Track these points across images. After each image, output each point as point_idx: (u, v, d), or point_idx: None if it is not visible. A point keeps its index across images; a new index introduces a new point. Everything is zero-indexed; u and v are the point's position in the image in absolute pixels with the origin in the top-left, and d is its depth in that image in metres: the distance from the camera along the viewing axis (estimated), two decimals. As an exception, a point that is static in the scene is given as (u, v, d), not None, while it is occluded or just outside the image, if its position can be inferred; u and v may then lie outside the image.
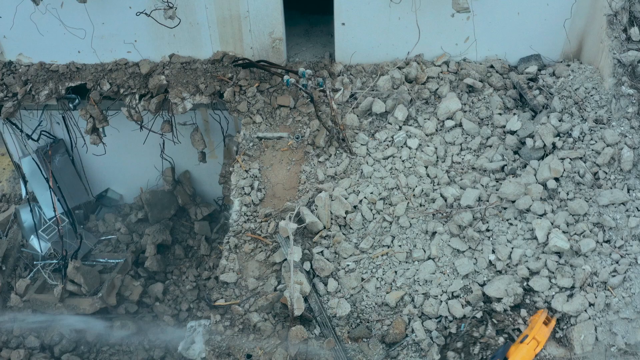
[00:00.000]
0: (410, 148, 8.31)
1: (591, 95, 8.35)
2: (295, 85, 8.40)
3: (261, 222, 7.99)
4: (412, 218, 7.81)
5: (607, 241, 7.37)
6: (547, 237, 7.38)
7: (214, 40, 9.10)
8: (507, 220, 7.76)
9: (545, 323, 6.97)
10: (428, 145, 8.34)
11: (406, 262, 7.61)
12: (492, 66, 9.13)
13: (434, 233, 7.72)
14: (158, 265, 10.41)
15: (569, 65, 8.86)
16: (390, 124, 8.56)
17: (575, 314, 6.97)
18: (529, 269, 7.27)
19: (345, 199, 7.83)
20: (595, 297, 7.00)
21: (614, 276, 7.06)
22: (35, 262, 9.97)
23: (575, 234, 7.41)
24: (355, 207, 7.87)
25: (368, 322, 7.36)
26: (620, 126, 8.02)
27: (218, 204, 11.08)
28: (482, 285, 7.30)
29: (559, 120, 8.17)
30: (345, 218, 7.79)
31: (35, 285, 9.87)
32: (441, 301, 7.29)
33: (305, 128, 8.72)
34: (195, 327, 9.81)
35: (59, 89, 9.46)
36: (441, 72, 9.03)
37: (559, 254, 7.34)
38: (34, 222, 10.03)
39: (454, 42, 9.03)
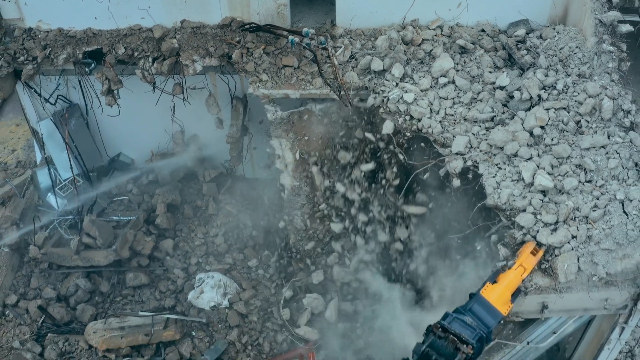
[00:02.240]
0: (406, 102, 8.93)
1: (575, 53, 8.99)
2: (300, 44, 9.01)
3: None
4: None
5: (589, 181, 7.97)
6: (533, 178, 7.98)
7: (223, 7, 9.71)
8: (497, 164, 8.37)
9: (533, 254, 7.56)
10: (423, 99, 8.95)
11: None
12: (483, 30, 9.76)
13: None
14: (168, 223, 10.99)
15: (554, 29, 9.50)
16: (388, 80, 9.16)
17: (559, 245, 7.55)
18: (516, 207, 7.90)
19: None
20: (578, 230, 7.58)
21: (594, 211, 7.64)
22: (51, 218, 10.52)
23: (559, 175, 8.01)
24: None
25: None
26: (601, 80, 8.66)
27: (225, 166, 11.66)
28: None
29: (545, 76, 8.79)
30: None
31: (52, 240, 10.43)
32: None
33: (308, 86, 9.33)
34: (203, 279, 10.44)
35: (76, 53, 10.04)
36: (435, 35, 9.65)
37: (543, 192, 7.93)
38: (51, 181, 10.59)
39: (447, 8, 9.65)
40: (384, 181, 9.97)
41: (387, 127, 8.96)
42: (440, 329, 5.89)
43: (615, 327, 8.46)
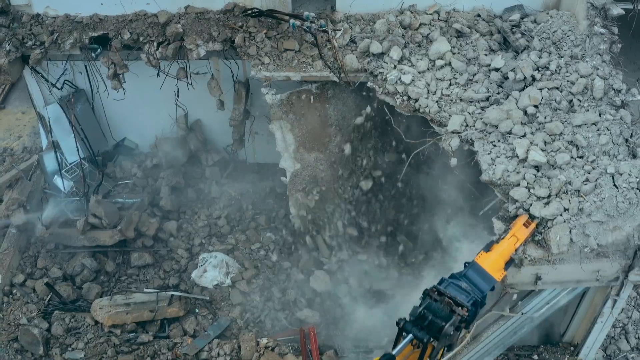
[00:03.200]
0: (404, 83, 9.20)
1: (567, 36, 9.28)
2: (300, 28, 9.30)
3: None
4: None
5: (581, 157, 8.25)
6: (527, 154, 8.25)
7: (226, -8, 9.99)
8: (491, 142, 8.64)
9: (526, 226, 7.82)
10: (420, 80, 9.22)
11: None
12: (478, 15, 10.03)
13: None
14: (172, 205, 11.24)
15: (548, 13, 9.78)
16: (386, 63, 9.43)
17: (552, 218, 7.81)
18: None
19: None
20: (570, 203, 7.84)
21: (585, 184, 7.91)
22: (58, 199, 10.77)
23: (551, 151, 8.28)
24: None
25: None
26: (593, 60, 8.95)
27: (227, 151, 11.92)
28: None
29: (539, 57, 9.07)
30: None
31: (59, 221, 10.67)
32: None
33: (309, 68, 9.59)
34: (207, 259, 10.69)
35: (83, 38, 10.30)
36: (432, 20, 9.93)
37: (537, 167, 8.20)
38: (58, 164, 10.84)
39: (443, -7, 9.95)
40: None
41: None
42: (436, 292, 6.10)
43: (607, 300, 8.71)
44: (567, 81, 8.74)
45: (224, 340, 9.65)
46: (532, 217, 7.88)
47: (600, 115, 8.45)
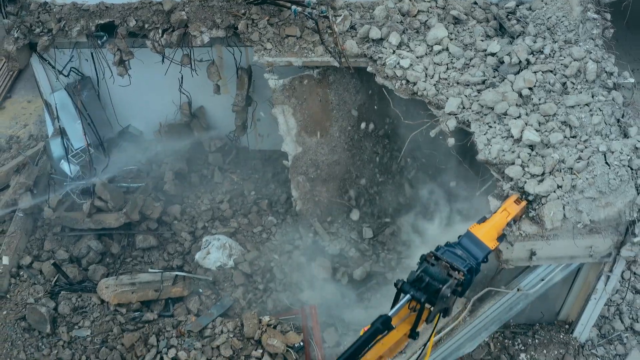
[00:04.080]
0: (402, 67, 9.45)
1: (561, 22, 9.53)
2: (302, 13, 9.58)
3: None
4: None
5: (574, 136, 8.49)
6: (521, 134, 8.50)
7: (229, -19, 10.26)
8: (487, 123, 8.89)
9: (517, 203, 8.06)
10: (418, 65, 9.48)
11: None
12: (475, 2, 10.29)
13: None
14: (176, 189, 11.50)
15: (543, 0, 10.05)
16: (385, 48, 9.69)
17: (546, 194, 8.05)
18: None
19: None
20: (563, 180, 8.09)
21: (578, 162, 8.16)
22: (64, 183, 11.02)
23: (545, 131, 8.53)
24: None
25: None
26: (586, 45, 9.20)
27: (230, 137, 12.18)
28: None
29: (533, 42, 9.33)
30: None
31: (65, 205, 10.92)
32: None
33: (310, 54, 9.85)
34: (210, 241, 10.93)
35: (89, 25, 10.56)
36: (430, 7, 10.19)
37: (531, 147, 8.45)
38: (64, 148, 11.09)
39: (441, -19, 10.21)
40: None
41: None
42: (433, 257, 6.34)
43: (600, 277, 8.95)
44: (561, 64, 9.00)
45: (227, 319, 9.88)
46: (526, 194, 8.13)
47: (592, 96, 8.70)
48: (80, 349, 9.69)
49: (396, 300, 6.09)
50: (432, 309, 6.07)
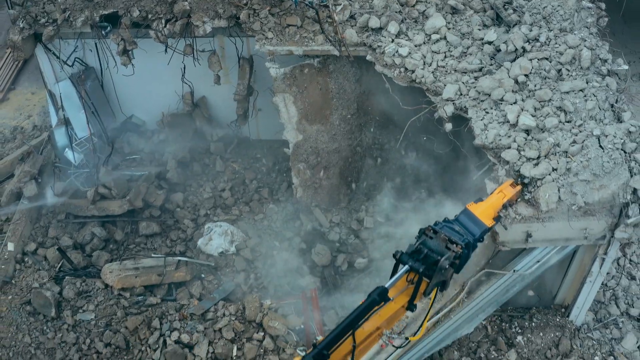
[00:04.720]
0: (401, 55, 9.65)
1: (557, 11, 9.74)
2: (303, 3, 9.78)
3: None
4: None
5: (568, 121, 8.69)
6: (517, 119, 8.69)
7: (231, -29, 10.45)
8: (484, 109, 9.08)
9: (512, 186, 8.25)
10: (416, 53, 9.67)
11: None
12: (472, -7, 10.52)
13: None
14: (178, 178, 11.68)
15: (538, -10, 10.27)
16: (384, 37, 9.89)
17: (541, 177, 8.25)
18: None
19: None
20: (558, 163, 8.28)
21: (573, 146, 8.35)
22: (69, 172, 11.19)
23: (541, 116, 8.73)
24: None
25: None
26: (580, 33, 9.40)
27: (232, 127, 12.36)
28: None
29: (529, 30, 9.53)
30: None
31: (69, 192, 11.10)
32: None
33: (310, 42, 10.05)
34: (212, 228, 11.10)
35: (94, 16, 10.75)
36: (428, -3, 10.42)
37: (527, 131, 8.64)
38: (68, 137, 11.27)
39: (439, -28, 10.41)
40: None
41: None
42: (432, 231, 6.50)
43: (595, 259, 9.13)
44: (556, 52, 9.20)
45: (229, 302, 10.05)
46: (522, 177, 8.32)
47: (587, 82, 8.90)
48: (84, 332, 9.85)
49: (394, 272, 6.25)
50: (430, 282, 6.23)
